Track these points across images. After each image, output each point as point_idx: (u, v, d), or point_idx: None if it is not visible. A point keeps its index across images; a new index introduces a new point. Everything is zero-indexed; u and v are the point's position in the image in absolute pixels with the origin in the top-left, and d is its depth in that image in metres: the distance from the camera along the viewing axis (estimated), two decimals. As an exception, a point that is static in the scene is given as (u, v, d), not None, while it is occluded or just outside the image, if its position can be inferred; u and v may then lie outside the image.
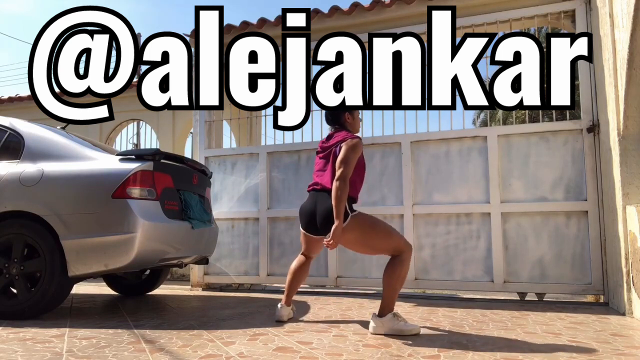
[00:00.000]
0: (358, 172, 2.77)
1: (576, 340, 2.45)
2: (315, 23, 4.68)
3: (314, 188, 2.82)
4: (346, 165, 2.63)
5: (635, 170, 3.15)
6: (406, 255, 2.64)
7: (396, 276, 2.59)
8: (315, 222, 2.75)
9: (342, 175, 2.60)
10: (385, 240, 2.65)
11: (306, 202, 2.84)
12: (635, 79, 2.96)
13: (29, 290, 3.05)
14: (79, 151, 3.27)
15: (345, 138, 2.73)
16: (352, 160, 2.65)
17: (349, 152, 2.66)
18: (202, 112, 5.07)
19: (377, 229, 2.67)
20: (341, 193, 2.57)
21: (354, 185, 2.74)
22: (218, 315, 3.21)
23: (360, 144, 2.70)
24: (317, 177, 2.85)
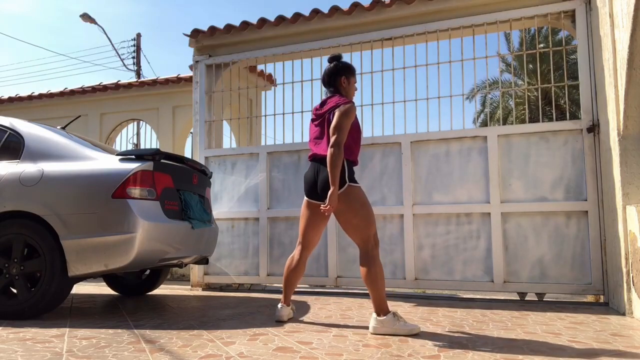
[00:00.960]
0: (353, 136, 2.79)
1: (576, 340, 2.45)
2: (315, 23, 4.68)
3: (313, 157, 2.86)
4: (340, 131, 2.66)
5: (635, 170, 3.15)
6: (373, 252, 2.67)
7: (372, 275, 2.62)
8: (317, 189, 2.80)
9: (336, 142, 2.63)
10: (363, 224, 2.68)
11: (308, 171, 2.89)
12: (635, 79, 2.96)
13: (29, 290, 3.05)
14: (79, 151, 3.27)
15: (338, 103, 2.76)
16: (345, 126, 2.68)
17: (342, 118, 2.68)
18: (202, 112, 5.08)
19: (363, 210, 2.70)
20: (335, 159, 2.61)
21: (350, 149, 2.77)
22: (218, 315, 3.21)
23: (353, 108, 2.73)
24: (313, 145, 2.88)
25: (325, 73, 2.93)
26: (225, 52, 5.11)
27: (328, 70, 2.92)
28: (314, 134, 2.90)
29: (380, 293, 2.62)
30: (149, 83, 6.67)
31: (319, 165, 2.79)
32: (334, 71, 2.90)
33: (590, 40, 3.85)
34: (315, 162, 2.83)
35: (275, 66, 5.13)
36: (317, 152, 2.82)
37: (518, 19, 4.12)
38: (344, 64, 2.92)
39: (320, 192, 2.77)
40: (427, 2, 4.28)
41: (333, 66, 2.91)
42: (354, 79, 2.95)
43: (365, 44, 4.60)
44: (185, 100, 6.37)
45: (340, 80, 2.89)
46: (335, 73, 2.89)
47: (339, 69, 2.90)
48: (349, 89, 2.91)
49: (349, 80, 2.90)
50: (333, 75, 2.89)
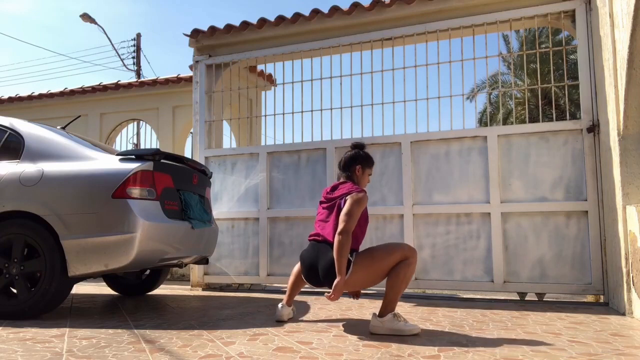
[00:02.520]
0: (360, 225, 2.74)
1: (576, 340, 2.45)
2: (316, 23, 4.68)
3: (315, 238, 2.79)
4: (349, 219, 2.60)
5: (635, 170, 3.15)
6: (412, 260, 2.63)
7: (401, 278, 2.58)
8: (317, 273, 2.71)
9: (344, 229, 2.57)
10: (390, 258, 2.61)
11: (307, 252, 2.79)
12: (635, 78, 2.96)
13: (29, 290, 3.05)
14: (79, 151, 3.27)
15: (350, 191, 2.72)
16: (356, 214, 2.63)
17: (354, 205, 2.63)
18: (202, 112, 5.08)
19: (378, 255, 2.64)
20: (343, 247, 2.54)
21: (355, 238, 2.71)
22: (218, 315, 3.21)
23: (366, 199, 2.69)
24: (319, 227, 2.82)
25: (344, 157, 2.91)
26: (225, 52, 5.11)
27: (347, 155, 2.91)
28: (320, 216, 2.85)
29: (396, 297, 2.60)
30: (149, 83, 6.67)
31: (320, 246, 2.72)
32: (352, 157, 2.89)
33: (590, 40, 3.85)
34: (317, 243, 2.76)
35: (275, 66, 5.13)
36: (322, 233, 2.75)
37: (518, 19, 4.12)
38: (364, 153, 2.91)
39: (322, 279, 2.68)
40: (427, 2, 4.28)
41: (354, 153, 2.90)
42: (370, 170, 2.93)
43: (365, 44, 4.60)
44: (185, 100, 6.37)
45: (355, 167, 2.86)
46: (353, 160, 2.88)
47: (358, 157, 2.89)
48: (362, 179, 2.89)
49: (364, 170, 2.88)
50: (350, 161, 2.88)
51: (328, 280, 2.62)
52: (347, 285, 2.61)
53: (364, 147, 2.95)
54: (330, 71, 4.68)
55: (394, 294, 2.59)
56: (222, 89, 5.20)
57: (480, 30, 4.28)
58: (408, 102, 4.43)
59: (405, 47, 4.54)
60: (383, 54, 4.54)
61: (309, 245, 2.81)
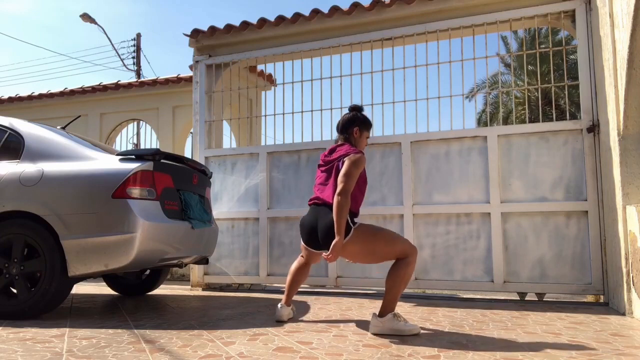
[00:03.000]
0: (359, 186, 2.76)
1: (576, 340, 2.45)
2: (316, 23, 4.68)
3: (315, 202, 2.81)
4: (348, 179, 2.62)
5: (635, 170, 3.15)
6: (412, 258, 2.63)
7: (400, 278, 2.59)
8: (317, 237, 2.73)
9: (343, 190, 2.59)
10: (389, 246, 2.63)
11: (307, 216, 2.82)
12: (635, 78, 2.96)
13: (29, 290, 3.05)
14: (79, 151, 3.27)
15: (348, 152, 2.73)
16: (354, 175, 2.65)
17: (351, 166, 2.65)
18: (202, 112, 5.08)
19: (380, 236, 2.65)
20: (342, 208, 2.56)
21: (355, 199, 2.73)
22: (218, 315, 3.21)
23: (363, 159, 2.70)
24: (318, 190, 2.84)
25: (342, 119, 2.93)
26: (225, 52, 5.11)
27: (345, 117, 2.92)
28: (319, 180, 2.87)
29: (396, 297, 2.60)
30: (149, 83, 6.67)
31: (320, 209, 2.74)
32: (350, 119, 2.90)
33: (590, 40, 3.85)
34: (317, 207, 2.78)
35: (275, 66, 5.13)
36: (321, 196, 2.77)
37: (518, 19, 4.12)
38: (362, 116, 2.92)
39: (321, 240, 2.70)
40: (427, 2, 4.28)
41: (352, 115, 2.91)
42: (367, 133, 2.94)
43: (365, 44, 4.60)
44: (185, 100, 6.37)
45: (353, 129, 2.87)
46: (351, 122, 2.89)
47: (356, 119, 2.90)
48: (360, 141, 2.90)
49: (361, 132, 2.89)
50: (348, 123, 2.89)
51: (327, 242, 2.64)
52: (344, 251, 2.63)
53: (362, 109, 2.96)
54: (330, 71, 4.68)
55: (393, 294, 2.59)
56: (222, 89, 5.20)
57: (480, 30, 4.28)
58: (408, 102, 4.44)
59: (405, 47, 4.54)
60: (383, 54, 4.54)
61: (309, 210, 2.84)
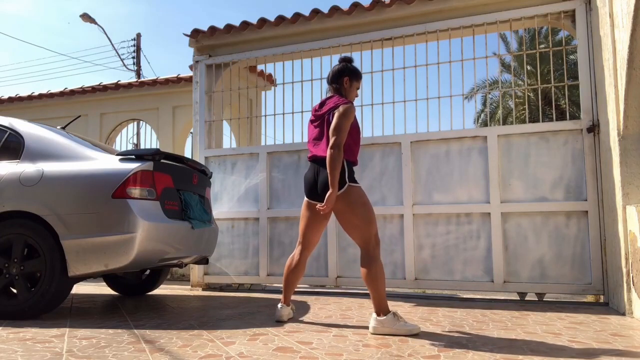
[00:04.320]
0: (353, 136, 2.80)
1: (576, 340, 2.45)
2: (316, 23, 4.68)
3: (313, 158, 2.86)
4: (339, 132, 2.67)
5: (635, 170, 3.15)
6: (374, 252, 2.67)
7: (372, 275, 2.62)
8: (317, 190, 2.80)
9: (335, 143, 2.64)
10: (364, 224, 2.68)
11: (307, 172, 2.90)
12: (635, 78, 2.96)
13: (29, 290, 3.05)
14: (79, 151, 3.27)
15: (337, 104, 2.77)
16: (345, 127, 2.69)
17: (341, 118, 2.69)
18: (202, 112, 5.08)
19: (363, 209, 2.70)
20: (335, 160, 2.62)
21: (350, 149, 2.78)
22: (218, 315, 3.21)
23: (352, 109, 2.74)
24: (313, 146, 2.88)
25: (332, 70, 2.95)
26: (225, 52, 5.11)
27: (335, 68, 2.94)
28: (312, 135, 2.91)
29: (380, 293, 2.62)
30: (149, 83, 6.67)
31: (319, 166, 2.80)
32: (340, 70, 2.92)
33: (590, 40, 3.85)
34: (315, 162, 2.84)
35: (275, 66, 5.13)
36: (316, 153, 2.83)
37: (518, 19, 4.12)
38: (351, 66, 2.94)
39: (320, 193, 2.77)
40: (427, 2, 4.28)
41: (342, 66, 2.93)
42: (357, 84, 2.96)
43: (365, 44, 4.60)
44: (185, 100, 6.37)
45: (343, 79, 2.90)
46: (341, 72, 2.91)
47: (346, 69, 2.91)
48: (350, 91, 2.92)
49: (351, 82, 2.91)
50: (338, 73, 2.91)
51: (325, 193, 2.71)
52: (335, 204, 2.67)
53: (352, 60, 2.98)
54: (330, 71, 4.67)
55: (375, 291, 2.62)
56: (222, 89, 5.20)
57: (480, 30, 4.29)
58: (408, 102, 4.44)
59: (405, 47, 4.54)
60: (383, 54, 4.55)
61: (310, 166, 2.90)
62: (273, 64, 5.12)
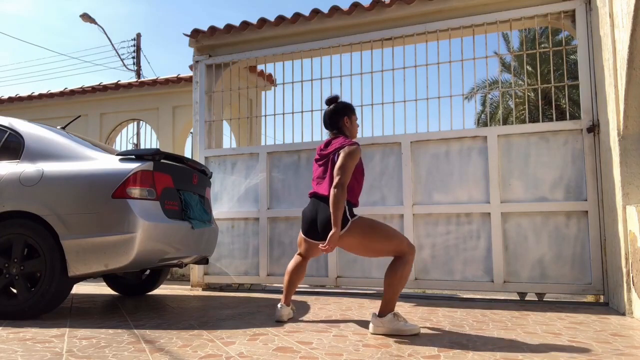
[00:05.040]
0: (357, 178, 2.77)
1: (576, 340, 2.45)
2: (316, 23, 4.68)
3: (314, 195, 2.83)
4: (344, 172, 2.63)
5: (635, 170, 3.15)
6: (409, 257, 2.63)
7: (398, 277, 2.58)
8: (316, 229, 2.75)
9: (339, 183, 2.61)
10: (386, 242, 2.64)
11: (307, 208, 2.85)
12: (635, 78, 2.96)
13: (29, 290, 3.05)
14: (79, 151, 3.27)
15: (343, 145, 2.73)
16: (349, 168, 2.66)
17: (347, 159, 2.66)
18: (202, 112, 5.08)
19: (377, 231, 2.66)
20: (338, 200, 2.57)
21: (352, 191, 2.75)
22: (218, 315, 3.21)
23: (359, 150, 2.71)
24: (316, 184, 2.85)
25: (326, 115, 2.91)
26: (225, 52, 5.11)
27: (329, 112, 2.90)
28: (316, 173, 2.88)
29: (394, 296, 2.60)
30: (149, 83, 6.67)
31: (319, 203, 2.76)
32: (335, 112, 2.89)
33: (590, 40, 3.85)
34: (316, 199, 2.80)
35: (275, 66, 5.13)
36: (317, 190, 2.79)
37: (518, 19, 4.12)
38: (343, 103, 2.91)
39: (321, 232, 2.72)
40: (427, 2, 4.28)
41: (333, 107, 2.90)
42: (355, 116, 2.94)
43: (365, 44, 4.60)
44: (185, 100, 6.37)
45: (342, 120, 2.87)
46: (337, 114, 2.88)
47: (340, 109, 2.89)
48: (352, 128, 2.91)
49: (351, 119, 2.90)
50: (335, 117, 2.88)
51: (326, 234, 2.67)
52: (341, 242, 2.65)
53: (339, 97, 2.95)
54: (330, 71, 4.68)
55: (392, 293, 2.59)
56: (222, 89, 5.20)
57: (480, 30, 4.28)
58: (408, 102, 4.44)
59: (405, 47, 4.54)
60: (383, 54, 4.54)
61: (310, 202, 2.86)
62: (273, 64, 5.12)
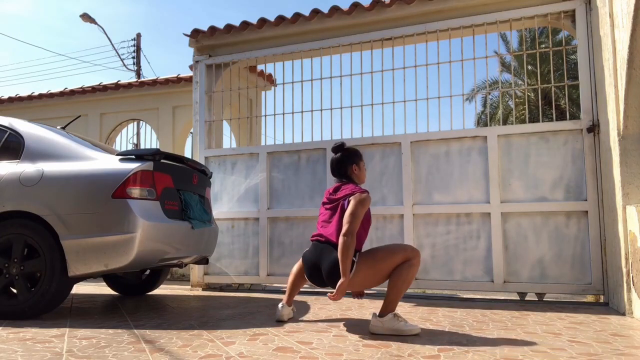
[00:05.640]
0: (363, 225, 2.73)
1: (576, 340, 2.45)
2: (316, 23, 4.68)
3: (318, 239, 2.77)
4: (354, 219, 2.59)
5: (635, 170, 3.15)
6: (415, 261, 2.62)
7: (403, 279, 2.58)
8: (319, 274, 2.71)
9: (349, 230, 2.56)
10: (390, 261, 2.61)
11: (309, 253, 2.79)
12: (635, 78, 2.96)
13: (29, 290, 3.05)
14: (79, 151, 3.27)
15: (353, 192, 2.70)
16: (360, 215, 2.62)
17: (357, 206, 2.62)
18: (202, 112, 5.08)
19: (379, 257, 2.63)
20: (348, 249, 2.53)
21: (359, 238, 2.70)
22: (218, 315, 3.21)
23: (369, 199, 2.67)
24: (321, 228, 2.80)
25: (334, 164, 2.89)
26: (225, 52, 5.11)
27: (336, 160, 2.88)
28: (323, 217, 2.83)
29: (397, 297, 2.60)
30: (149, 83, 6.67)
31: (324, 247, 2.70)
32: (342, 161, 2.86)
33: (590, 40, 3.85)
34: (320, 244, 2.75)
35: (275, 66, 5.13)
36: (325, 234, 2.74)
37: (518, 19, 4.12)
38: (349, 151, 2.89)
39: (326, 279, 2.67)
40: (427, 2, 4.28)
41: (340, 156, 2.87)
42: (363, 162, 2.92)
43: (365, 44, 4.60)
44: (185, 100, 6.37)
45: (351, 168, 2.85)
46: (345, 163, 2.86)
47: (347, 157, 2.86)
48: (361, 174, 2.89)
49: (359, 165, 2.88)
50: (343, 166, 2.86)
51: (331, 280, 2.62)
52: (350, 285, 2.62)
53: (344, 145, 2.92)
54: (330, 71, 4.68)
55: (395, 294, 2.59)
56: (222, 89, 5.20)
57: (480, 30, 4.28)
58: (408, 102, 4.43)
59: (405, 47, 4.54)
60: (383, 54, 4.54)
61: (312, 246, 2.80)
62: (273, 64, 5.12)
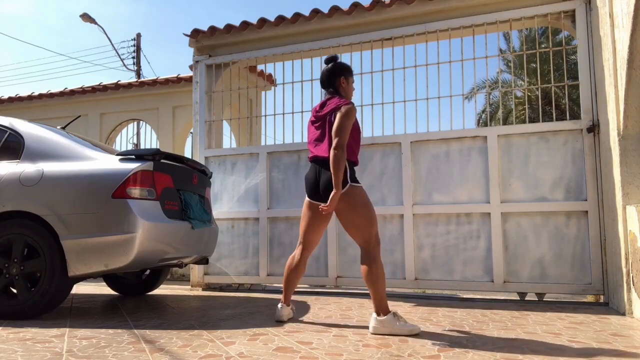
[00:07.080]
0: (354, 136, 2.80)
1: (576, 340, 2.45)
2: (316, 23, 4.68)
3: (314, 158, 2.86)
4: (342, 133, 2.67)
5: (635, 170, 3.15)
6: (375, 252, 2.68)
7: (373, 275, 2.62)
8: (319, 191, 2.80)
9: (338, 144, 2.65)
10: (365, 224, 2.69)
11: (309, 172, 2.89)
12: (635, 78, 2.96)
13: (29, 290, 3.05)
14: (79, 151, 3.27)
15: (338, 105, 2.76)
16: (347, 128, 2.69)
17: (344, 119, 2.69)
18: (202, 112, 5.08)
19: (365, 209, 2.71)
20: (339, 161, 2.62)
21: (351, 149, 2.78)
22: (218, 315, 3.21)
23: (354, 110, 2.74)
24: (314, 147, 2.87)
25: (324, 74, 2.93)
26: (225, 52, 5.11)
27: (326, 71, 2.93)
28: (313, 136, 2.90)
29: (380, 293, 2.62)
30: (149, 83, 6.67)
31: (320, 166, 2.80)
32: (332, 72, 2.91)
33: (590, 40, 3.85)
34: (316, 163, 2.83)
35: (275, 66, 5.13)
36: (317, 153, 2.82)
37: (518, 19, 4.11)
38: (341, 64, 2.94)
39: (322, 194, 2.77)
40: (427, 2, 4.28)
41: (331, 67, 2.92)
42: (352, 78, 2.97)
43: (365, 44, 4.60)
44: (185, 100, 6.37)
45: (339, 80, 2.90)
46: (334, 74, 2.90)
47: (337, 69, 2.91)
48: (348, 89, 2.92)
49: (347, 80, 2.92)
50: (332, 76, 2.90)
51: (327, 194, 2.71)
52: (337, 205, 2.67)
53: (338, 57, 2.98)
54: (330, 71, 4.67)
55: (376, 292, 2.63)
56: (222, 89, 5.20)
57: (480, 30, 4.28)
58: (408, 102, 4.44)
59: (405, 47, 4.54)
60: (383, 54, 4.54)
61: (310, 167, 2.90)
62: (273, 64, 5.12)
